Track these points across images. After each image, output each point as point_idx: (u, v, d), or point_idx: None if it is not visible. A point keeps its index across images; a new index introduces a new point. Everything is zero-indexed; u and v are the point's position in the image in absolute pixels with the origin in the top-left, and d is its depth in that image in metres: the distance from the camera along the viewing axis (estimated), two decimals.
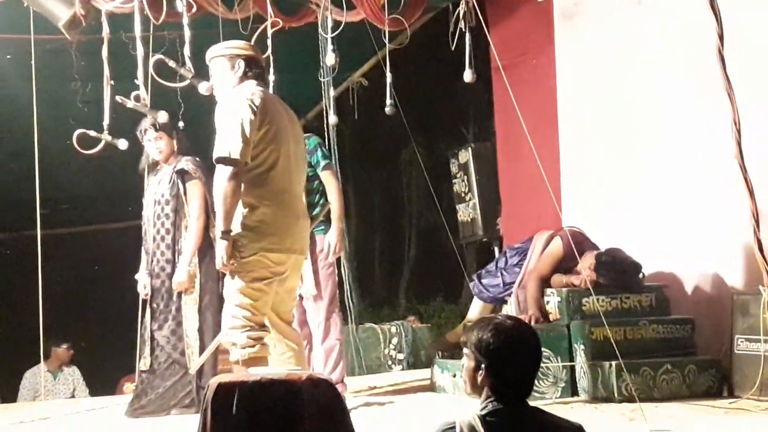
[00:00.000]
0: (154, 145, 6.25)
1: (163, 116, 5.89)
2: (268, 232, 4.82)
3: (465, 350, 2.99)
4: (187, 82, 5.36)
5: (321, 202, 6.21)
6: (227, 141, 4.77)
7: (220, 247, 4.79)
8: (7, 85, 8.03)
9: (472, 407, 2.97)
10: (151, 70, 5.44)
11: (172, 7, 5.61)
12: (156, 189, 6.27)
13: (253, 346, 4.77)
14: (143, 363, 6.22)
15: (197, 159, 6.26)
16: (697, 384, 5.75)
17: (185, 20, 5.52)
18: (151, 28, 6.00)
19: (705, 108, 6.09)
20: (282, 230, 4.85)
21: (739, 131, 4.56)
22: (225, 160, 4.76)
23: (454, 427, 2.83)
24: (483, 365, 2.91)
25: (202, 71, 5.30)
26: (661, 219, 6.58)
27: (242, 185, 4.80)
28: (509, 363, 2.91)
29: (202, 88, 5.19)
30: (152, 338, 6.18)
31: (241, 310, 4.81)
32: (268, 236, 4.82)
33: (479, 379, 2.92)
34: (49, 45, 7.05)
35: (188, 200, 6.16)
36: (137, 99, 5.64)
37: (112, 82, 5.74)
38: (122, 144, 5.94)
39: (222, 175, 4.78)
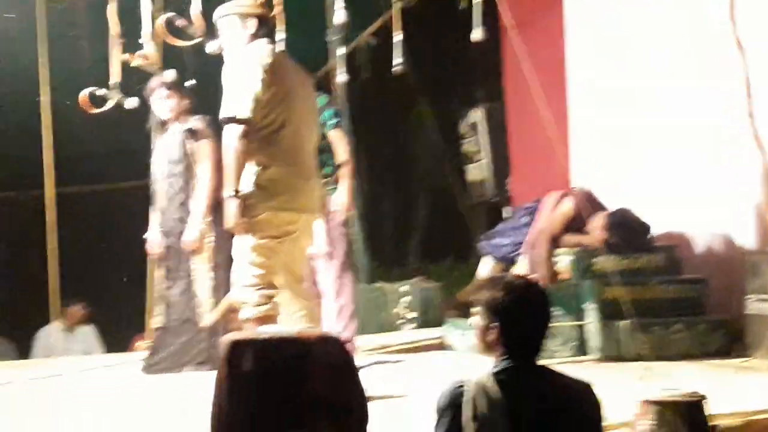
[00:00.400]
0: (164, 103, 6.23)
1: (170, 75, 5.87)
2: (278, 192, 4.80)
3: (476, 309, 2.99)
4: (196, 41, 5.33)
5: (331, 161, 6.20)
6: (235, 100, 4.74)
7: (230, 207, 4.79)
8: (17, 44, 8.00)
9: (482, 366, 2.98)
10: (159, 27, 5.40)
11: None
12: (165, 148, 6.26)
13: (265, 305, 4.78)
14: (157, 321, 6.25)
15: (207, 117, 6.24)
16: (709, 343, 5.77)
17: None
18: None
19: (715, 67, 6.06)
20: (293, 189, 4.84)
21: (749, 89, 4.54)
22: (233, 120, 4.73)
23: (465, 385, 2.85)
24: (494, 324, 2.92)
25: (210, 30, 5.26)
26: (671, 179, 6.55)
27: (252, 145, 4.78)
28: (520, 321, 2.92)
29: (211, 47, 5.16)
30: (165, 296, 6.21)
31: (253, 268, 4.81)
32: (279, 195, 4.80)
33: (490, 338, 2.93)
34: (57, 3, 7.02)
35: (198, 159, 6.16)
36: (144, 57, 5.61)
37: (122, 40, 5.71)
38: (130, 103, 5.92)
39: (231, 134, 4.76)
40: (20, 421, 4.71)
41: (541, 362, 2.99)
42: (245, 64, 4.81)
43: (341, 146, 6.17)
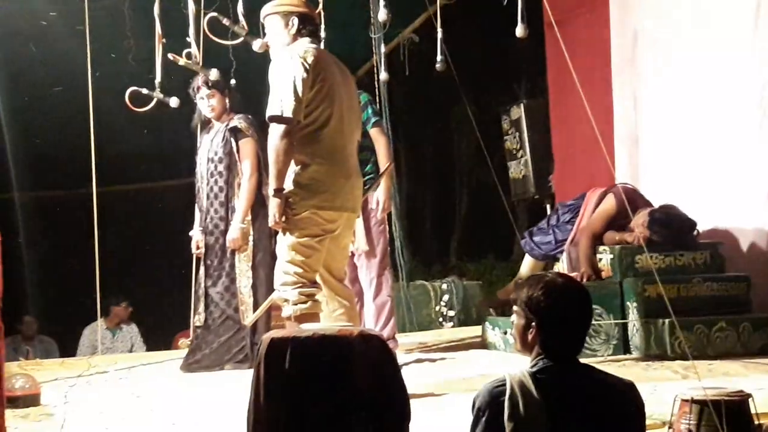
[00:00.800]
0: (207, 102, 6.28)
1: (214, 74, 5.91)
2: (319, 190, 4.82)
3: (515, 308, 2.99)
4: (240, 40, 5.35)
5: (372, 159, 6.21)
6: (280, 99, 4.77)
7: (273, 205, 4.81)
8: (60, 42, 8.09)
9: (522, 364, 2.97)
10: (204, 27, 5.44)
11: None
12: (209, 146, 6.30)
13: (305, 302, 4.80)
14: (198, 319, 6.29)
15: (249, 117, 6.27)
16: (752, 342, 5.71)
17: None
18: None
19: (761, 64, 5.99)
20: (334, 188, 4.86)
21: None
22: (278, 119, 4.76)
23: (504, 384, 2.84)
24: (533, 323, 2.91)
25: (254, 29, 5.29)
26: (717, 175, 6.49)
27: (299, 143, 4.81)
28: (560, 321, 2.90)
29: (256, 45, 5.18)
30: (206, 294, 6.24)
31: (293, 266, 4.83)
32: (320, 194, 4.82)
33: (530, 336, 2.92)
34: (102, 2, 7.08)
35: (241, 158, 6.19)
36: (189, 57, 5.65)
37: (164, 40, 5.76)
38: (174, 102, 5.97)
39: (275, 133, 4.78)
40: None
41: (582, 360, 2.97)
42: (288, 63, 4.84)
43: (381, 145, 6.19)
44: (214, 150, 6.26)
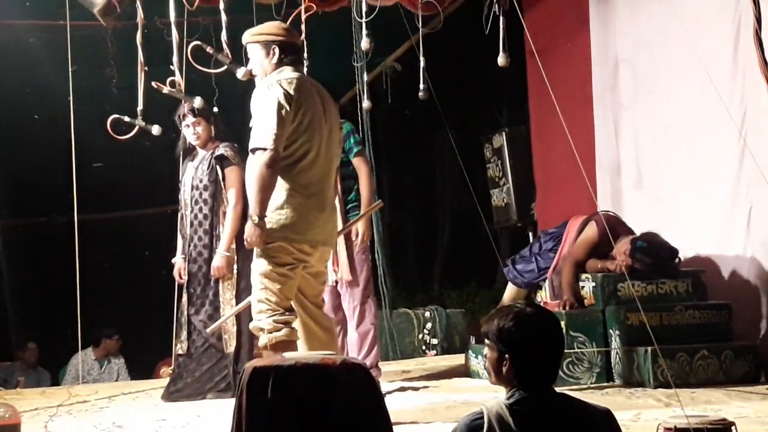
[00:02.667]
0: (192, 130, 6.28)
1: (198, 102, 5.91)
2: (291, 223, 4.81)
3: (487, 341, 2.96)
4: (224, 68, 5.36)
5: (355, 187, 6.22)
6: (262, 130, 4.77)
7: (251, 232, 4.80)
8: (43, 71, 8.08)
9: (503, 393, 2.96)
10: (187, 55, 5.44)
11: None
12: (194, 174, 6.29)
13: (280, 330, 4.77)
14: (180, 347, 6.26)
15: (235, 145, 6.28)
16: (734, 370, 5.72)
17: (221, 5, 5.51)
18: (186, 14, 6.01)
19: (741, 93, 6.03)
20: (305, 222, 4.84)
21: None
22: (260, 150, 4.76)
23: (481, 416, 2.82)
24: (506, 354, 2.88)
25: (238, 56, 5.29)
26: (697, 204, 6.52)
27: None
28: (532, 351, 2.88)
29: (240, 73, 5.19)
30: (189, 322, 6.22)
31: (267, 293, 4.82)
32: (291, 226, 4.81)
33: (504, 368, 2.89)
34: (85, 31, 7.09)
35: (227, 186, 6.19)
36: (172, 84, 5.65)
37: (146, 68, 5.76)
38: (156, 129, 5.96)
39: (259, 162, 4.77)
40: None
41: (564, 389, 2.96)
42: (269, 94, 4.83)
43: (363, 174, 6.21)
44: (199, 177, 6.25)
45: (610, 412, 2.94)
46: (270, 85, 4.87)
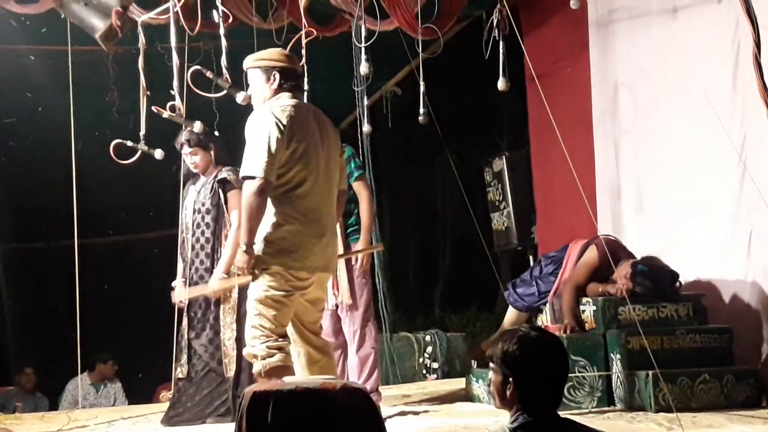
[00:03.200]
0: (190, 159, 6.31)
1: (198, 126, 5.92)
2: (289, 250, 4.82)
3: (491, 364, 2.97)
4: (224, 93, 5.38)
5: (356, 211, 6.23)
6: (254, 158, 4.79)
7: (239, 259, 4.83)
8: (44, 96, 8.11)
9: (505, 417, 2.95)
10: (188, 80, 5.46)
11: (208, 18, 5.64)
12: (196, 197, 6.31)
13: (273, 356, 4.77)
14: (180, 371, 6.25)
15: (237, 169, 6.29)
16: (736, 394, 5.70)
17: (221, 31, 5.54)
18: (187, 39, 6.04)
19: (741, 117, 6.05)
20: (304, 248, 4.85)
21: None
22: (251, 178, 4.78)
23: None
24: (510, 378, 2.89)
25: (238, 81, 5.32)
26: (698, 228, 6.52)
27: (273, 201, 4.82)
28: (536, 374, 2.89)
29: (240, 98, 5.21)
30: (189, 346, 6.21)
31: (261, 320, 4.82)
32: (290, 253, 4.82)
33: (508, 392, 2.90)
34: (86, 56, 7.12)
35: (229, 209, 6.20)
36: (173, 109, 5.67)
37: (149, 92, 5.78)
38: (158, 154, 5.98)
39: (248, 190, 4.80)
40: None
41: (565, 413, 2.96)
42: (264, 122, 4.84)
43: (364, 198, 6.22)
44: (201, 201, 6.27)
45: None
46: (264, 113, 4.88)
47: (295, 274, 4.83)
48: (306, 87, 5.83)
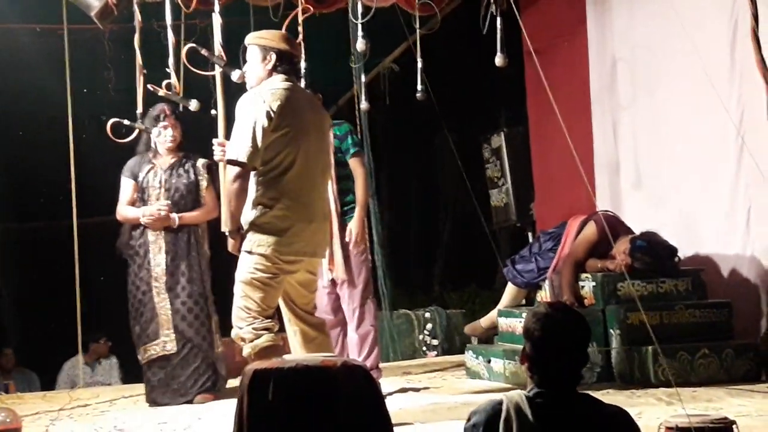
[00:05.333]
0: (169, 133, 6.27)
1: (194, 104, 5.89)
2: (277, 234, 4.80)
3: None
4: (219, 71, 5.36)
5: (353, 188, 6.21)
6: (238, 143, 4.77)
7: (229, 244, 4.87)
8: (40, 75, 8.08)
9: (508, 391, 2.98)
10: (183, 58, 5.44)
11: None
12: (167, 177, 6.28)
13: (260, 337, 4.77)
14: (162, 348, 6.22)
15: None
16: (735, 368, 5.72)
17: (216, 8, 5.51)
18: (183, 17, 6.01)
19: (739, 92, 6.03)
20: (292, 233, 4.82)
21: None
22: (234, 162, 4.77)
23: (501, 404, 2.87)
24: (530, 351, 2.96)
25: (233, 59, 5.29)
26: (697, 203, 6.52)
27: (257, 186, 4.81)
28: (546, 348, 2.94)
29: (234, 76, 5.18)
30: (173, 324, 6.20)
31: (246, 301, 4.81)
32: (277, 238, 4.80)
33: (528, 364, 2.97)
34: (82, 34, 7.09)
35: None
36: (168, 87, 5.65)
37: (145, 71, 5.76)
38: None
39: (229, 176, 4.80)
40: None
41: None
42: (253, 106, 4.82)
43: (359, 175, 6.20)
44: (183, 181, 6.28)
45: (626, 411, 2.98)
46: (254, 96, 4.86)
47: (282, 258, 4.81)
48: (303, 65, 5.81)
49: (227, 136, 4.99)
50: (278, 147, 4.81)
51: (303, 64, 5.79)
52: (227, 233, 4.84)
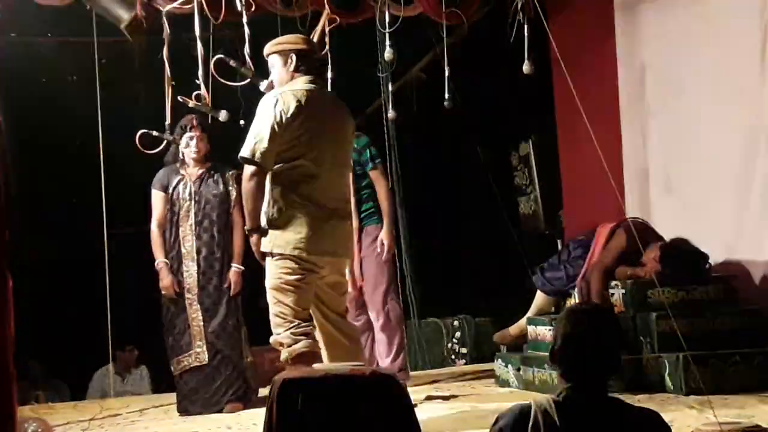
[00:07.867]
0: (194, 144, 6.31)
1: (223, 115, 5.93)
2: (297, 234, 4.82)
3: None
4: (247, 81, 5.38)
5: (373, 195, 6.25)
6: (254, 142, 4.80)
7: (252, 242, 4.92)
8: (70, 87, 8.14)
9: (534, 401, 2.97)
10: (211, 69, 5.47)
11: (231, 7, 5.64)
12: (197, 189, 6.31)
13: (298, 342, 4.77)
14: (196, 359, 6.25)
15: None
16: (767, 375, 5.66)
17: (244, 19, 5.54)
18: (211, 28, 6.04)
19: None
20: (312, 232, 4.83)
21: None
22: (247, 161, 4.81)
23: (530, 409, 2.86)
24: (560, 353, 2.96)
25: (261, 69, 5.32)
26: (727, 209, 6.47)
27: (273, 185, 4.83)
28: (573, 349, 2.93)
29: (263, 86, 5.22)
30: (205, 335, 6.23)
31: (280, 307, 4.82)
32: (298, 237, 4.82)
33: (559, 366, 2.96)
34: (112, 47, 7.14)
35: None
36: (198, 98, 5.69)
37: (174, 82, 5.80)
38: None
39: (244, 175, 4.84)
40: None
41: None
42: (271, 107, 4.84)
43: (381, 186, 6.24)
44: (212, 191, 6.30)
45: (659, 414, 2.97)
46: (273, 97, 4.89)
47: (304, 258, 4.82)
48: (330, 74, 5.83)
49: None
50: (297, 147, 4.84)
51: (329, 74, 5.82)
52: (246, 231, 4.88)
